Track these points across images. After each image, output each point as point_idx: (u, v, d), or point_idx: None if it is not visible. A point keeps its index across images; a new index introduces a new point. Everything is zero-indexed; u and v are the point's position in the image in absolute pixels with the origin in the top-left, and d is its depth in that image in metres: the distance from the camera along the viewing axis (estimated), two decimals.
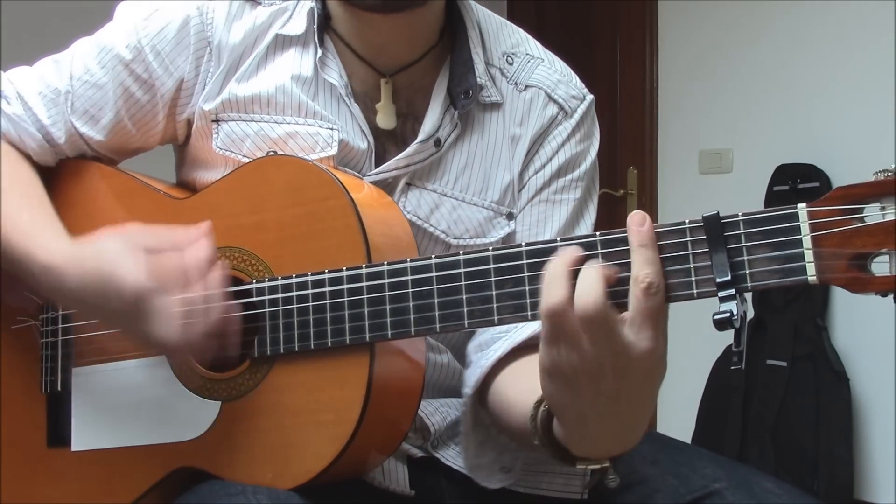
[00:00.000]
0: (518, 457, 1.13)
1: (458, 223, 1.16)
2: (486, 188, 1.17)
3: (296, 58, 1.14)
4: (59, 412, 1.15)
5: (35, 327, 1.17)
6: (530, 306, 0.91)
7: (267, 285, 1.03)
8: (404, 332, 0.96)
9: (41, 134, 1.17)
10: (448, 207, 1.15)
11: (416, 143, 1.13)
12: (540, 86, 1.19)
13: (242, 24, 1.14)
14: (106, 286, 0.99)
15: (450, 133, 1.15)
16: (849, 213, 0.81)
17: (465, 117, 1.16)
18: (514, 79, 1.19)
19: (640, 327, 0.81)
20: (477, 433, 1.11)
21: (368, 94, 1.16)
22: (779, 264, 0.82)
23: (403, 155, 1.13)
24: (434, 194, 1.15)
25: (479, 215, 1.16)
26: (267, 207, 1.05)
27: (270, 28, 1.14)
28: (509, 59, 1.19)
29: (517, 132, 1.18)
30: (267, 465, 1.01)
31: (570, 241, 0.89)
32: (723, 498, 1.05)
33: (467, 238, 1.16)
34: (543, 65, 1.21)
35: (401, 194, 1.14)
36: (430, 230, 1.15)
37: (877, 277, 0.79)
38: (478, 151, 1.17)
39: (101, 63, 1.16)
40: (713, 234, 0.84)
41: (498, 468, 1.13)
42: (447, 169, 1.16)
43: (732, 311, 0.82)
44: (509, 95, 1.18)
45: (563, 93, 1.19)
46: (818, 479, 3.00)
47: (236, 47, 1.14)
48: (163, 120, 1.17)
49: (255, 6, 1.15)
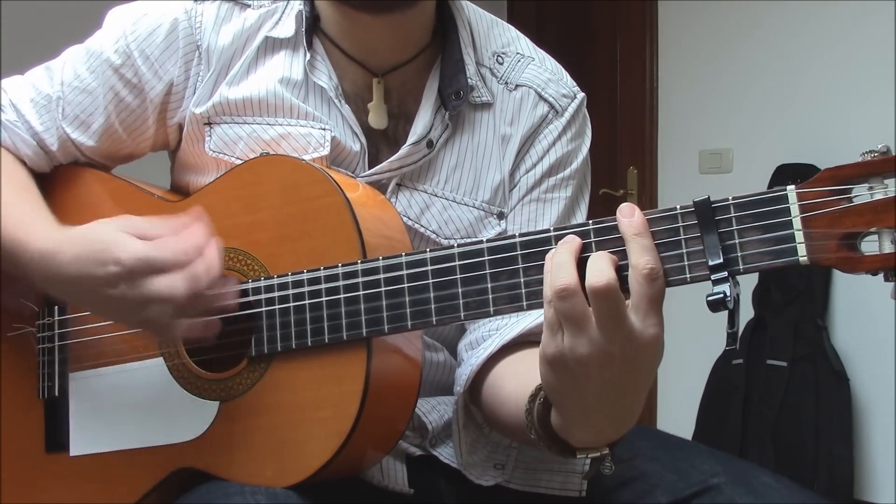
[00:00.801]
0: (511, 454, 1.13)
1: (448, 223, 1.16)
2: (477, 188, 1.17)
3: (285, 61, 1.14)
4: (57, 417, 1.15)
5: (31, 333, 1.17)
6: (525, 296, 0.91)
7: (263, 284, 1.03)
8: (401, 326, 0.97)
9: (35, 140, 1.17)
10: (439, 208, 1.15)
11: (407, 145, 1.13)
12: (530, 85, 1.18)
13: (231, 27, 1.14)
14: (103, 259, 0.98)
15: (441, 134, 1.15)
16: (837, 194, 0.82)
17: (455, 118, 1.16)
18: (504, 78, 1.18)
19: (645, 314, 0.82)
20: (468, 432, 1.12)
21: (360, 94, 1.16)
22: (770, 246, 0.83)
23: (396, 157, 1.13)
24: (424, 195, 1.15)
25: (469, 215, 1.16)
26: (261, 207, 1.06)
27: (260, 30, 1.14)
28: (499, 59, 1.19)
29: (507, 132, 1.17)
30: (266, 464, 1.01)
31: (563, 230, 0.89)
32: (721, 492, 1.06)
33: (458, 238, 1.15)
34: (534, 64, 1.20)
35: (391, 195, 1.14)
36: (420, 230, 1.15)
37: (867, 256, 0.80)
38: (468, 151, 1.17)
39: (91, 68, 1.16)
40: (704, 218, 0.85)
41: (491, 465, 1.13)
42: (438, 169, 1.16)
43: (726, 292, 0.82)
44: (500, 95, 1.18)
45: (554, 91, 1.19)
46: (818, 479, 3.00)
47: (225, 50, 1.14)
48: (153, 125, 1.17)
49: (243, 8, 1.15)
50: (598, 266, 0.82)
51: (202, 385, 1.06)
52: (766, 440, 3.11)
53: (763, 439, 3.12)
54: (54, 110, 1.17)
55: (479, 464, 1.13)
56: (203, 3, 1.15)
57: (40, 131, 1.17)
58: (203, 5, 1.14)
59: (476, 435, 1.13)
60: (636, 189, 3.90)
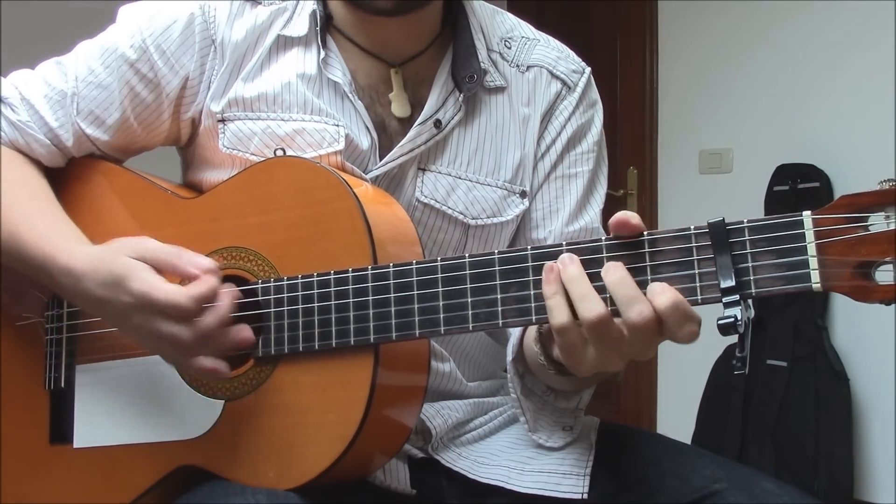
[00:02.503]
0: (578, 416, 1.17)
1: (474, 204, 1.18)
2: (498, 168, 1.19)
3: (299, 57, 1.15)
4: (62, 409, 1.15)
5: (40, 324, 1.17)
6: (535, 310, 0.92)
7: (272, 285, 1.03)
8: (409, 334, 0.97)
9: (49, 138, 1.17)
10: (464, 189, 1.18)
11: (415, 126, 1.15)
12: (541, 64, 1.23)
13: (244, 22, 1.15)
14: (119, 287, 0.99)
15: (453, 115, 1.17)
16: (853, 222, 0.81)
17: (471, 101, 1.18)
18: (515, 61, 1.22)
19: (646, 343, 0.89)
20: (532, 401, 1.13)
21: (374, 86, 1.18)
22: (783, 271, 0.83)
23: (406, 140, 1.15)
24: (449, 177, 1.17)
25: (493, 195, 1.19)
26: (274, 208, 1.06)
27: (272, 27, 1.16)
28: (507, 44, 1.23)
29: (526, 112, 1.21)
30: (269, 465, 1.01)
31: (575, 245, 0.91)
32: (723, 498, 1.06)
33: (484, 218, 1.18)
34: (540, 45, 1.25)
35: (415, 179, 1.16)
36: (448, 212, 1.17)
37: (880, 286, 0.80)
38: (487, 133, 1.19)
39: (106, 64, 1.16)
40: (718, 240, 0.84)
41: (559, 428, 1.15)
42: (459, 152, 1.18)
43: (737, 315, 0.82)
44: (513, 78, 1.21)
45: (564, 68, 1.24)
46: (818, 479, 3.00)
47: (239, 45, 1.15)
48: (168, 119, 1.18)
49: (255, 5, 1.16)
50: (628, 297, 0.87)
51: (208, 383, 1.06)
52: (766, 440, 3.11)
53: (763, 439, 3.12)
54: (69, 106, 1.17)
55: (546, 427, 1.15)
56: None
57: (55, 127, 1.17)
58: (215, 2, 1.15)
59: (540, 404, 1.14)
60: (636, 189, 3.89)
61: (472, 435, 1.20)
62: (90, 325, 1.13)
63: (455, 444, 1.18)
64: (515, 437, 1.19)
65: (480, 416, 1.22)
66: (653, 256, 0.89)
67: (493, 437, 1.21)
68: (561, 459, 1.13)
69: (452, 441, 1.17)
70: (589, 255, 0.90)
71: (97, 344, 1.13)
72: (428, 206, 1.16)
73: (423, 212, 1.16)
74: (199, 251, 1.02)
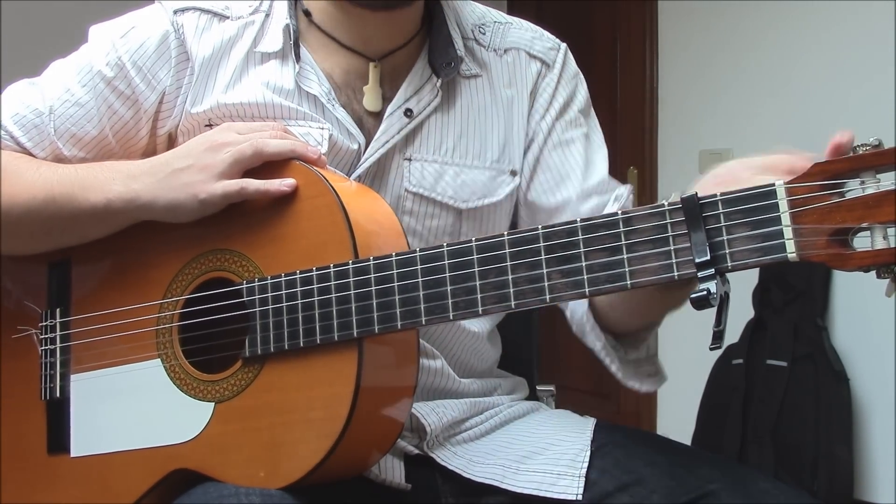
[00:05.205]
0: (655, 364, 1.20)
1: (463, 187, 1.19)
2: (484, 150, 1.21)
3: (276, 70, 1.16)
4: (59, 419, 1.16)
5: (35, 335, 1.18)
6: (513, 296, 0.91)
7: (256, 285, 1.03)
8: (391, 327, 0.97)
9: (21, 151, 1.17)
10: (452, 174, 1.19)
11: (385, 118, 1.16)
12: (518, 46, 1.25)
13: (211, 37, 1.16)
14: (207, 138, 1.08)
15: (430, 102, 1.18)
16: (828, 189, 0.80)
17: (450, 88, 1.20)
18: (492, 46, 1.24)
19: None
20: (627, 367, 1.16)
21: (351, 83, 1.18)
22: (758, 243, 0.82)
23: (379, 133, 1.16)
24: (436, 164, 1.18)
25: (482, 177, 1.20)
26: (256, 208, 1.06)
27: (241, 40, 1.17)
28: (482, 30, 1.25)
29: (509, 94, 1.23)
30: (259, 465, 1.01)
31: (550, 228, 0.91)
32: (718, 499, 1.05)
33: (475, 200, 1.20)
34: (514, 27, 1.27)
35: (400, 170, 1.17)
36: (437, 199, 1.18)
37: (857, 252, 0.78)
38: (469, 118, 1.21)
39: (82, 82, 1.17)
40: (692, 214, 0.84)
41: (645, 376, 1.18)
42: (444, 138, 1.19)
43: (710, 289, 0.81)
44: (492, 62, 1.23)
45: (541, 46, 1.27)
46: (818, 479, 2.99)
47: (206, 60, 1.16)
48: (146, 136, 1.18)
49: (222, 20, 1.17)
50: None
51: (197, 386, 1.06)
52: (766, 440, 3.10)
53: (763, 439, 3.12)
54: (46, 126, 1.16)
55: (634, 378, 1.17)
56: (182, 14, 1.17)
57: (30, 148, 1.17)
58: (183, 17, 1.16)
59: (634, 368, 1.17)
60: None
61: (467, 434, 1.20)
62: (84, 333, 1.14)
63: (450, 442, 1.18)
64: (511, 437, 1.19)
65: (476, 416, 1.22)
66: (628, 235, 0.88)
67: (488, 436, 1.21)
68: (556, 460, 1.12)
69: (448, 439, 1.18)
70: (565, 238, 0.90)
71: (91, 352, 1.14)
72: (418, 196, 1.17)
73: (413, 201, 1.17)
74: (184, 255, 1.06)
